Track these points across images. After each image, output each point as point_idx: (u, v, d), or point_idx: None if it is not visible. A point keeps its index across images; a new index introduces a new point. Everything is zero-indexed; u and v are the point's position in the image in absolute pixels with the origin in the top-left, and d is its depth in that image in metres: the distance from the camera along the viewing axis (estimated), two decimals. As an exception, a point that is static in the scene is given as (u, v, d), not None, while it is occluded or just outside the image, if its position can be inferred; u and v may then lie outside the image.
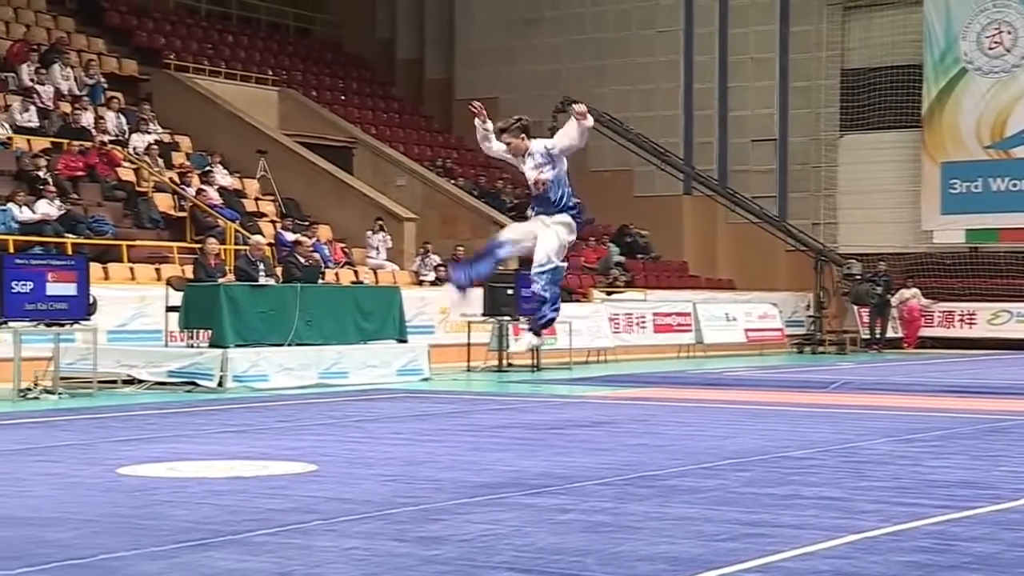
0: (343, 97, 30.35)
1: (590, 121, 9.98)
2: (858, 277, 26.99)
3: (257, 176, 24.34)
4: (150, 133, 23.18)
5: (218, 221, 20.86)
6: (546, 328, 10.81)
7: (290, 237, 20.88)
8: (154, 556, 5.32)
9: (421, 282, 22.90)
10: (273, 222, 22.67)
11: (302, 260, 17.98)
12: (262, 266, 16.95)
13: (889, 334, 27.18)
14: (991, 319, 27.73)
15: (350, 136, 27.66)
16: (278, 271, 17.72)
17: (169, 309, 16.28)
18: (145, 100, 24.70)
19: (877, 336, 26.87)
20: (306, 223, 22.77)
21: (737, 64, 30.81)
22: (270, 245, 19.82)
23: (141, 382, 15.20)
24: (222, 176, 23.15)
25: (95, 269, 16.81)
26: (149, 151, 22.33)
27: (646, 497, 6.92)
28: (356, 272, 21.99)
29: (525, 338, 11.39)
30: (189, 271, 17.57)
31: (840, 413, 12.26)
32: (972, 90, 28.52)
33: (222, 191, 22.49)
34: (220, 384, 14.94)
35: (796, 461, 8.51)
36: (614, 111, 29.27)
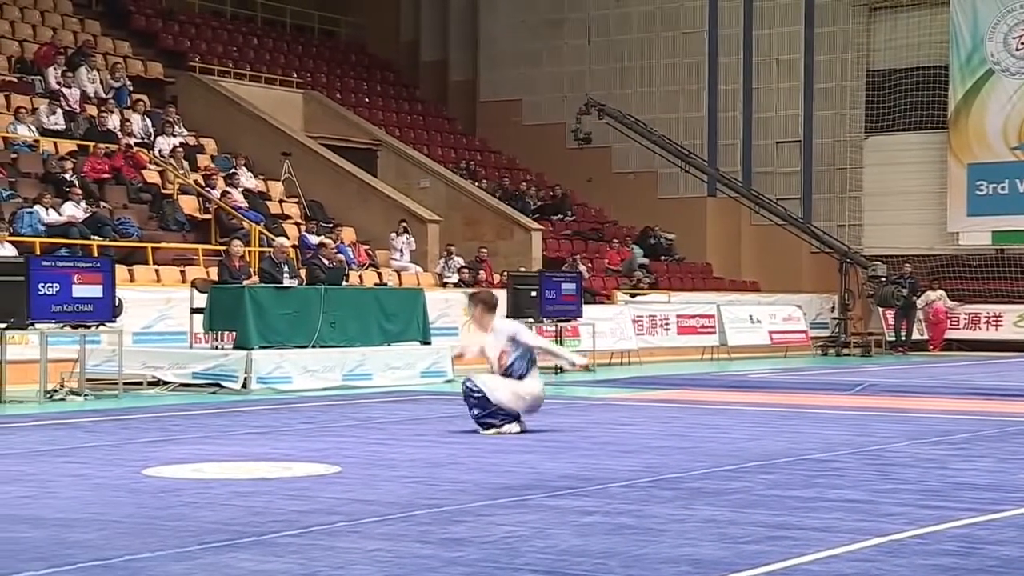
0: (367, 99, 30.42)
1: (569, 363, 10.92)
2: (883, 279, 26.87)
3: (281, 178, 24.41)
4: (175, 136, 23.29)
5: (242, 223, 20.93)
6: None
7: (314, 239, 20.93)
8: (179, 557, 5.33)
9: (445, 284, 22.92)
10: (297, 224, 22.74)
11: (326, 262, 18.01)
12: (286, 268, 17.00)
13: (914, 336, 27.06)
14: (1017, 321, 27.56)
15: (374, 138, 27.72)
16: (302, 273, 17.77)
17: (194, 311, 16.34)
18: (170, 103, 24.83)
19: (902, 338, 26.76)
20: (330, 225, 22.82)
21: (762, 65, 30.74)
22: (294, 247, 19.87)
23: (166, 384, 15.27)
24: (247, 178, 23.23)
25: (121, 271, 16.89)
26: (174, 153, 22.43)
27: (670, 499, 6.91)
28: (380, 274, 22.03)
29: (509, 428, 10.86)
30: (214, 273, 17.63)
31: (865, 415, 12.20)
32: (999, 91, 28.38)
33: (247, 193, 22.56)
34: (244, 386, 14.98)
35: (821, 463, 8.47)
36: (638, 113, 29.28)
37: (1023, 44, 28.28)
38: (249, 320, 15.47)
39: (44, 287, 13.65)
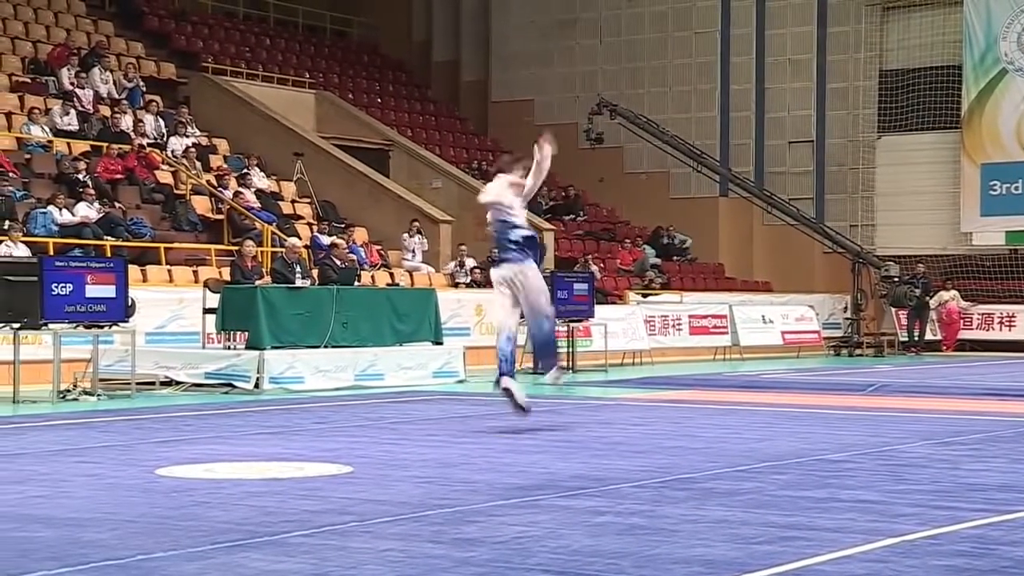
0: (379, 99, 30.44)
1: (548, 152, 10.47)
2: (896, 279, 26.81)
3: (294, 178, 24.45)
4: (188, 136, 23.34)
5: (255, 223, 20.96)
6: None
7: (326, 240, 20.95)
8: (191, 557, 5.35)
9: (457, 284, 22.92)
10: (309, 224, 22.76)
11: (338, 262, 18.03)
12: (298, 268, 17.02)
13: (928, 337, 26.99)
14: (1031, 321, 27.50)
15: (386, 138, 27.73)
16: (314, 273, 17.79)
17: (206, 311, 16.37)
18: (183, 103, 24.88)
19: (915, 339, 26.70)
20: (342, 225, 22.84)
21: (774, 65, 30.69)
22: (306, 247, 19.89)
23: (179, 384, 15.30)
24: (259, 178, 23.26)
25: (133, 271, 16.93)
26: (187, 154, 22.48)
27: (682, 500, 6.90)
28: (392, 274, 22.04)
29: (550, 375, 11.16)
30: (226, 273, 17.65)
31: (878, 416, 12.17)
32: (1012, 91, 28.30)
33: (259, 193, 22.60)
34: (256, 386, 15.01)
35: (833, 464, 8.46)
36: (650, 113, 29.26)
37: (1037, 44, 28.21)
38: (261, 320, 15.49)
39: (57, 287, 13.68)
